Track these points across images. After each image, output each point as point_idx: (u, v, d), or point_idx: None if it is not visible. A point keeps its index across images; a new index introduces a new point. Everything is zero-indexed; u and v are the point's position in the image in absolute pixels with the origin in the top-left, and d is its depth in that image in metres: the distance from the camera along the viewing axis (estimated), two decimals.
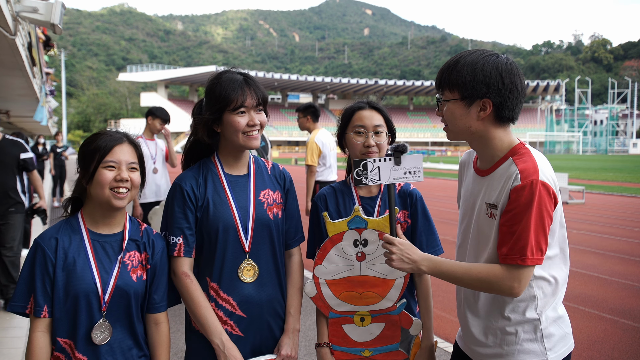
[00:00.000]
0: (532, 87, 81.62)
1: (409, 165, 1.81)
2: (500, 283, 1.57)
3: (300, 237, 2.08)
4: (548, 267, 1.64)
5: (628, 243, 8.72)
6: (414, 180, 1.82)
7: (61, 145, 14.02)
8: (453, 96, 1.65)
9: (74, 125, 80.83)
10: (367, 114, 2.04)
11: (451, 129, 1.71)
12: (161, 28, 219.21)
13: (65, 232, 1.74)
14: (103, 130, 1.83)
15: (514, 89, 1.61)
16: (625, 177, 24.34)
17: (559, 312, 1.69)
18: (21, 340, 4.29)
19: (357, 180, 1.82)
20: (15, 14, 4.75)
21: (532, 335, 1.64)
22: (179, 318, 4.72)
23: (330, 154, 6.22)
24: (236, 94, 1.83)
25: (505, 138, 1.66)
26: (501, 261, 1.58)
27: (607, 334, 4.58)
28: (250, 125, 1.86)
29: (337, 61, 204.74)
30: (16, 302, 1.69)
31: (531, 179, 1.54)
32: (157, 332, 1.85)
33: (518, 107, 1.64)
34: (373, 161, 1.81)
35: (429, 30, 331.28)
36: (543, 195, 1.54)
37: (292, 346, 1.95)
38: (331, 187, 2.15)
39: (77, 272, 1.69)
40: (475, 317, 1.74)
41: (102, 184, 1.72)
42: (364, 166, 1.80)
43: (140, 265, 1.81)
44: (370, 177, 1.80)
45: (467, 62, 1.62)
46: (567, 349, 1.70)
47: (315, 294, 2.03)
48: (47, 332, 1.69)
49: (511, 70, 1.62)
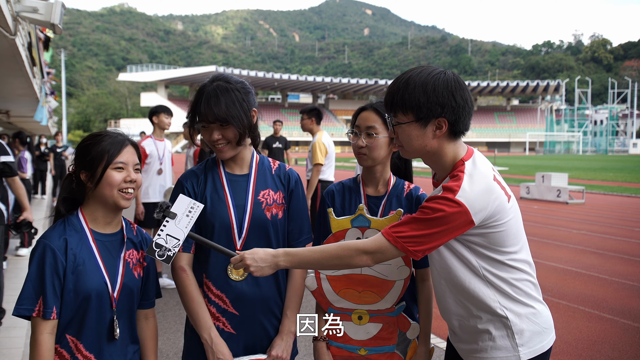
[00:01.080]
0: (532, 87, 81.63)
1: (182, 209, 1.72)
2: (353, 257, 1.66)
3: (306, 239, 2.08)
4: (498, 268, 1.69)
5: (628, 243, 8.72)
6: (199, 208, 1.73)
7: (61, 145, 14.05)
8: (408, 119, 1.68)
9: (74, 125, 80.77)
10: (364, 114, 2.04)
11: (407, 149, 1.75)
12: (161, 28, 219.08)
13: (71, 232, 1.75)
14: (103, 132, 1.83)
15: (465, 105, 1.67)
16: (625, 177, 24.34)
17: (531, 308, 1.73)
18: (21, 340, 4.30)
19: (166, 259, 1.70)
20: (15, 14, 4.75)
21: (502, 332, 1.70)
22: (178, 318, 4.73)
23: (332, 155, 6.61)
24: (199, 108, 1.89)
25: (454, 152, 1.72)
26: (382, 232, 1.66)
27: (607, 334, 4.58)
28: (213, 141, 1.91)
29: (337, 61, 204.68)
30: (23, 305, 1.66)
31: (446, 195, 1.60)
32: (147, 327, 1.93)
33: (469, 120, 1.71)
34: (158, 235, 1.70)
35: (429, 30, 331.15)
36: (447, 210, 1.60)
37: (284, 348, 1.94)
38: (341, 184, 2.17)
39: (87, 273, 1.71)
40: (453, 315, 1.80)
41: (112, 185, 1.74)
42: (157, 245, 1.69)
43: (139, 263, 1.87)
44: (171, 247, 1.70)
45: (418, 84, 1.65)
46: (545, 344, 1.74)
47: (315, 288, 2.06)
48: (53, 334, 1.69)
49: (460, 87, 1.67)
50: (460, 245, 1.70)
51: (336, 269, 1.81)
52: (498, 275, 1.69)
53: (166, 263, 1.73)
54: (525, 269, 1.73)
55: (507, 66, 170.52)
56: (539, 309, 1.75)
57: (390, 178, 2.11)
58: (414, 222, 1.61)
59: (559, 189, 14.86)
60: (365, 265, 1.68)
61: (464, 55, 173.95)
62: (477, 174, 1.65)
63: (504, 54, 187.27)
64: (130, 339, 1.84)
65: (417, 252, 1.62)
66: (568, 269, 6.89)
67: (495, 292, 1.70)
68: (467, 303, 1.73)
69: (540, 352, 1.72)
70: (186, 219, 1.72)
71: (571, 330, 4.67)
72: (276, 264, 1.70)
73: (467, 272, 1.71)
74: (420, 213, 1.62)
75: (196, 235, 1.75)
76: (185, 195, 1.76)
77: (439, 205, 1.58)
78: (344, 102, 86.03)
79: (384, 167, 2.08)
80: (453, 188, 1.60)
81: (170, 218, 1.71)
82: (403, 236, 1.61)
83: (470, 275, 1.71)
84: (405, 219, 1.64)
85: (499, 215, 1.64)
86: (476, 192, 1.60)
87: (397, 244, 1.61)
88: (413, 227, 1.61)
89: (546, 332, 1.75)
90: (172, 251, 1.70)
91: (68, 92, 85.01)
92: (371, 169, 2.07)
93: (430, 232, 1.59)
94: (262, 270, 1.69)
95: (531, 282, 1.75)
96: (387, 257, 1.67)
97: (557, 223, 10.91)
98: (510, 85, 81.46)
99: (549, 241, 8.82)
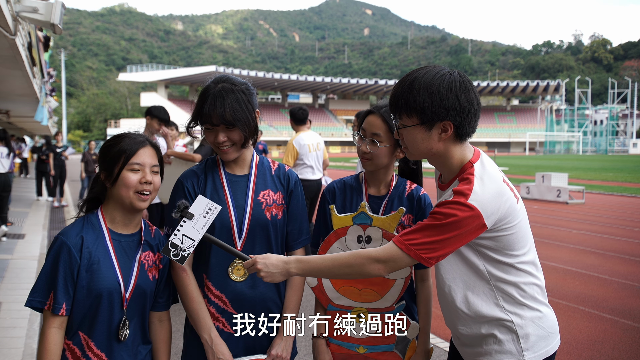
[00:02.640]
0: (532, 87, 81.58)
1: (200, 210, 1.73)
2: (365, 265, 1.61)
3: (304, 240, 2.08)
4: (506, 272, 1.67)
5: (628, 243, 8.72)
6: (216, 210, 1.74)
7: (61, 145, 14.01)
8: (412, 122, 1.65)
9: (74, 125, 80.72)
10: (371, 119, 2.03)
11: (412, 152, 1.72)
12: (161, 28, 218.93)
13: (88, 230, 1.76)
14: (125, 133, 1.85)
15: (471, 107, 1.63)
16: (625, 177, 24.34)
17: (537, 311, 1.71)
18: (21, 340, 4.29)
19: (180, 259, 1.70)
20: (15, 14, 4.75)
21: (507, 336, 1.68)
22: (178, 318, 4.73)
23: (309, 155, 6.60)
24: (204, 110, 1.86)
25: (461, 155, 1.69)
26: (394, 240, 1.62)
27: (607, 334, 4.58)
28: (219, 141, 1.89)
29: (337, 61, 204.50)
30: (35, 297, 1.69)
31: (458, 200, 1.56)
32: (160, 329, 1.92)
33: (475, 122, 1.67)
34: (174, 235, 1.71)
35: (429, 30, 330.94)
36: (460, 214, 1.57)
37: (284, 347, 1.94)
38: (342, 181, 2.17)
39: (101, 271, 1.72)
40: (457, 319, 1.77)
41: (127, 186, 1.75)
42: (172, 245, 1.69)
43: (154, 265, 1.87)
44: (186, 247, 1.70)
45: (422, 86, 1.61)
46: (550, 349, 1.72)
47: (315, 285, 2.06)
48: (61, 329, 1.70)
49: (466, 88, 1.62)
50: (469, 250, 1.68)
51: (348, 278, 1.74)
52: (505, 280, 1.67)
53: (180, 264, 1.72)
54: (533, 272, 1.71)
55: (507, 66, 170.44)
56: (545, 313, 1.73)
57: (392, 179, 2.12)
58: (426, 228, 1.57)
59: (559, 189, 14.86)
60: (378, 275, 1.64)
61: (464, 55, 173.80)
62: (487, 177, 1.62)
63: (504, 54, 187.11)
64: (142, 340, 1.84)
65: (431, 259, 1.58)
66: (568, 269, 6.89)
67: (500, 296, 1.68)
68: (472, 307, 1.71)
69: (545, 357, 1.70)
70: (203, 220, 1.72)
71: (571, 330, 4.67)
72: (287, 270, 1.67)
73: (473, 276, 1.69)
74: (431, 219, 1.58)
75: (212, 237, 1.74)
76: (203, 197, 1.76)
77: (451, 210, 1.54)
78: (344, 102, 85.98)
79: (387, 170, 2.09)
80: (464, 192, 1.56)
81: (188, 219, 1.71)
82: (415, 243, 1.57)
83: (476, 279, 1.69)
84: (416, 226, 1.60)
85: (510, 218, 1.61)
86: (488, 195, 1.57)
87: (410, 251, 1.57)
88: (425, 234, 1.56)
89: (552, 336, 1.73)
90: (187, 252, 1.70)
91: (68, 92, 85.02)
92: (374, 171, 2.08)
93: (443, 238, 1.55)
94: (273, 276, 1.67)
95: (537, 286, 1.73)
96: (400, 266, 1.62)
97: (557, 223, 10.91)
98: (510, 85, 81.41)
99: (549, 241, 8.81)
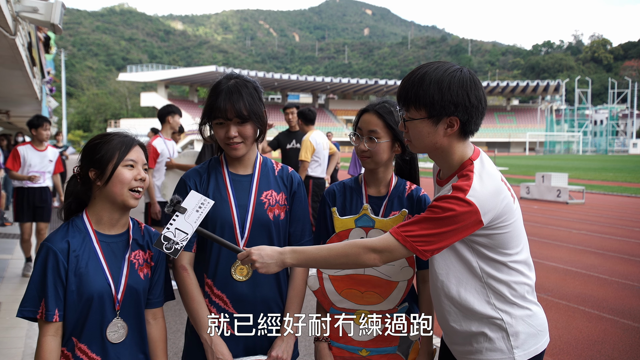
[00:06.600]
0: (532, 87, 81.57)
1: (193, 204, 1.74)
2: (361, 255, 1.63)
3: (307, 241, 2.07)
4: (498, 270, 1.68)
5: (628, 243, 8.72)
6: (209, 205, 1.76)
7: (61, 145, 14.01)
8: (420, 115, 1.67)
9: (74, 125, 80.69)
10: (366, 117, 2.03)
11: (416, 145, 1.74)
12: (161, 28, 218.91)
13: (74, 234, 1.75)
14: (111, 132, 1.85)
15: (479, 105, 1.66)
16: (625, 177, 24.34)
17: (527, 310, 1.73)
18: (21, 340, 4.29)
19: (173, 252, 1.71)
20: (15, 14, 4.75)
21: (498, 334, 1.70)
22: (178, 318, 4.72)
23: (323, 153, 6.71)
24: (218, 104, 1.86)
25: (462, 152, 1.71)
26: (390, 231, 1.63)
27: (607, 334, 4.58)
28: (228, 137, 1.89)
29: (337, 61, 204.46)
30: (26, 307, 1.68)
31: (456, 195, 1.58)
32: (156, 326, 1.91)
33: (481, 120, 1.70)
34: (167, 228, 1.72)
35: (429, 30, 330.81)
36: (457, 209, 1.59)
37: (285, 349, 1.93)
38: (342, 184, 2.16)
39: (89, 275, 1.71)
40: (448, 315, 1.79)
41: (122, 183, 1.74)
42: (165, 239, 1.70)
43: (145, 263, 1.86)
44: (179, 240, 1.71)
45: (433, 81, 1.63)
46: (539, 347, 1.74)
47: (317, 288, 2.05)
48: (57, 336, 1.70)
49: (475, 86, 1.65)
50: (463, 247, 1.69)
51: (343, 267, 1.77)
52: (497, 278, 1.69)
53: (173, 256, 1.73)
54: (524, 271, 1.73)
55: (507, 66, 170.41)
56: (534, 311, 1.75)
57: (391, 179, 2.11)
58: (423, 221, 1.59)
59: (559, 189, 14.86)
60: (373, 265, 1.66)
61: (464, 55, 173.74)
62: (486, 174, 1.65)
63: (504, 54, 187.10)
64: (139, 340, 1.84)
65: (426, 251, 1.60)
66: (568, 269, 6.89)
67: (492, 294, 1.70)
68: (464, 303, 1.72)
69: (535, 355, 1.72)
70: (196, 214, 1.73)
71: (571, 330, 4.67)
72: (282, 261, 1.68)
73: (466, 272, 1.71)
74: (429, 212, 1.60)
75: (204, 230, 1.75)
76: (195, 192, 1.77)
77: (450, 205, 1.57)
78: (344, 102, 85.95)
79: (386, 168, 2.08)
80: (463, 187, 1.59)
81: (180, 212, 1.73)
82: (412, 235, 1.59)
83: (469, 276, 1.71)
84: (414, 219, 1.62)
85: (506, 216, 1.63)
86: (486, 192, 1.60)
87: (407, 243, 1.59)
88: (423, 227, 1.59)
89: (541, 334, 1.75)
90: (180, 244, 1.71)
91: (68, 92, 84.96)
92: (373, 170, 2.07)
93: (440, 232, 1.57)
94: (268, 267, 1.67)
95: (528, 285, 1.74)
96: (396, 257, 1.64)
97: (557, 223, 10.90)
98: (510, 85, 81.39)
99: (549, 241, 8.81)
